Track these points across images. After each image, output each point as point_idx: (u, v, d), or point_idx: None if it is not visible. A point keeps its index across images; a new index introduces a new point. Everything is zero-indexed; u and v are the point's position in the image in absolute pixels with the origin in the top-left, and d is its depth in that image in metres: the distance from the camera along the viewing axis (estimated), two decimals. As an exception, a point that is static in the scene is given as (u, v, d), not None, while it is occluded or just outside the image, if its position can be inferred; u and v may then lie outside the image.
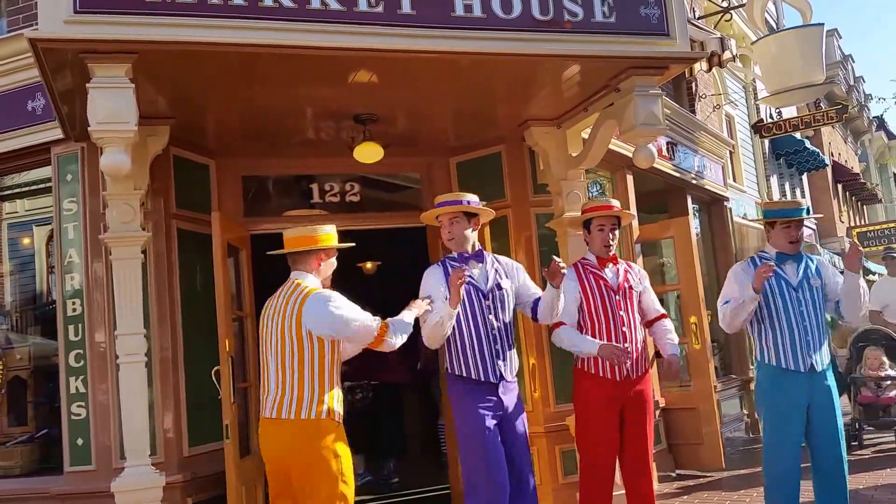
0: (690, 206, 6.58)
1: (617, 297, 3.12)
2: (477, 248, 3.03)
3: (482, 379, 2.88)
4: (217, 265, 3.54)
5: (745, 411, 6.77)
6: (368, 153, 3.99)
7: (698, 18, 7.54)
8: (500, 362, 2.89)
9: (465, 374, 2.90)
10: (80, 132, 3.35)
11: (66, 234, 3.76)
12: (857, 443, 5.51)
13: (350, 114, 3.80)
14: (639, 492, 3.07)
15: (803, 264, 3.09)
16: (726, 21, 8.11)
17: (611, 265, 3.19)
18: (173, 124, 3.49)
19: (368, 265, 7.63)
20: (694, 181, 6.61)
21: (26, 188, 4.35)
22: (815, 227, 14.41)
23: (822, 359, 3.01)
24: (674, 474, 5.03)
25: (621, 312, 3.09)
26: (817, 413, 2.97)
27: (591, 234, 3.20)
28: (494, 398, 2.88)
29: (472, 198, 3.03)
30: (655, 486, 3.25)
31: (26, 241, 4.52)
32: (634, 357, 3.07)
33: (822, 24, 7.33)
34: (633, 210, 5.45)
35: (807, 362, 2.97)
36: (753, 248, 8.33)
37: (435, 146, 4.48)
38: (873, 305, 6.48)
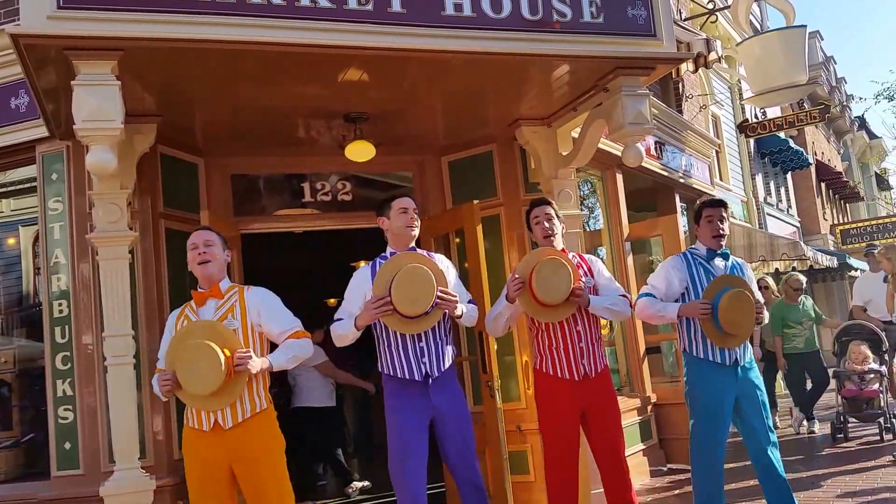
0: (678, 204, 6.63)
1: None
2: (411, 246, 2.97)
3: (407, 377, 2.80)
4: (206, 265, 3.50)
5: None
6: (360, 152, 3.98)
7: (684, 20, 7.60)
8: (425, 359, 2.80)
9: (391, 373, 2.84)
10: (66, 130, 3.30)
11: (52, 233, 3.71)
12: (842, 435, 5.59)
13: (341, 112, 3.79)
14: (615, 486, 3.02)
15: (730, 262, 3.22)
16: (712, 23, 8.20)
17: None
18: (160, 122, 3.45)
19: (361, 264, 7.60)
20: (681, 180, 6.66)
21: (12, 188, 4.28)
22: (798, 225, 14.60)
23: (743, 353, 3.11)
24: (665, 468, 5.07)
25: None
26: (746, 405, 3.07)
27: (533, 231, 3.16)
28: (424, 397, 2.80)
29: None
30: (639, 481, 3.23)
31: (12, 241, 4.45)
32: (588, 355, 3.01)
33: (805, 25, 7.44)
34: (623, 208, 5.49)
35: (731, 356, 3.07)
36: (739, 245, 8.42)
37: (426, 145, 4.48)
38: (856, 301, 6.60)
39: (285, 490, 2.63)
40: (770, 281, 6.85)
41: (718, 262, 3.19)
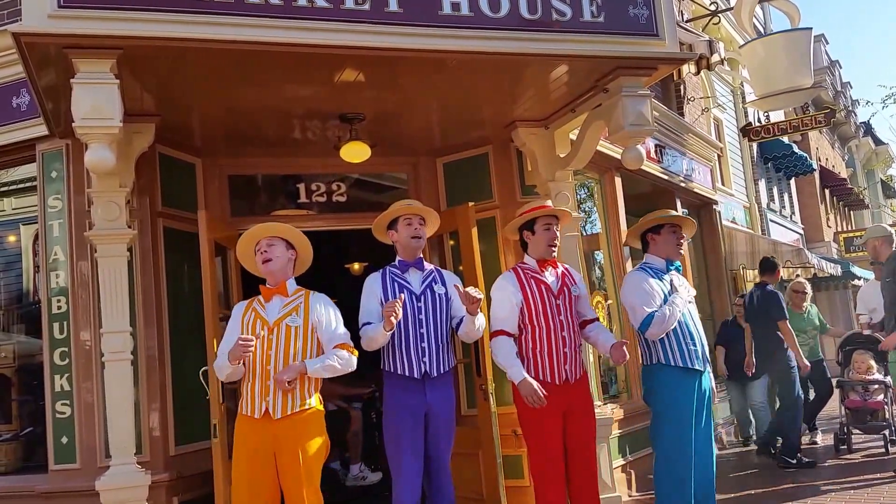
0: (679, 208, 6.61)
1: (557, 301, 3.10)
2: (419, 257, 3.16)
3: (406, 374, 3.02)
4: (204, 264, 3.53)
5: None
6: (355, 153, 3.99)
7: (686, 21, 7.60)
8: (426, 360, 3.02)
9: (392, 370, 3.05)
10: (65, 129, 3.33)
11: (52, 231, 3.73)
12: (845, 446, 5.53)
13: (336, 113, 3.80)
14: (583, 491, 3.04)
15: (678, 272, 3.39)
16: (714, 24, 8.19)
17: (550, 268, 3.18)
18: (159, 122, 3.47)
19: (356, 266, 7.61)
20: (682, 184, 6.64)
21: (13, 186, 4.32)
22: (801, 232, 14.52)
23: (705, 358, 3.30)
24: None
25: (561, 317, 3.09)
26: (697, 409, 3.23)
27: (535, 234, 3.18)
28: (419, 394, 3.01)
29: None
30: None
31: (12, 238, 4.49)
32: (570, 361, 3.07)
33: (810, 28, 7.41)
34: (622, 212, 5.48)
35: (701, 362, 3.25)
36: (742, 251, 8.38)
37: (422, 146, 4.48)
38: (860, 310, 6.52)
39: (315, 486, 2.80)
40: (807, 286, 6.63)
41: (673, 272, 3.34)
